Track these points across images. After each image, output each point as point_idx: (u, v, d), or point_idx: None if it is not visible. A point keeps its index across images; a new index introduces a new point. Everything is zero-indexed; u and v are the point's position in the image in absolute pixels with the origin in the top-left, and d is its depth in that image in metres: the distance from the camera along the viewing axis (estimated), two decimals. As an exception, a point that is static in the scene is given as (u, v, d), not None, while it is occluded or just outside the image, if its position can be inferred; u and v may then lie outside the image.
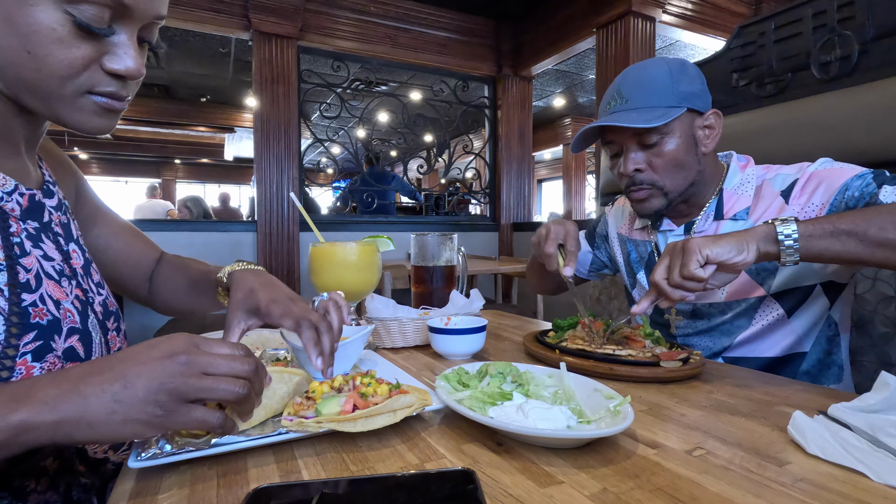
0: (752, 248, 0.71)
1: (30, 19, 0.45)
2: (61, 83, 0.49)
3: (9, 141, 0.56)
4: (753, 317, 0.93)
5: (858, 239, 0.69)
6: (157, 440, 0.48)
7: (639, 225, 1.10)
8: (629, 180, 0.95)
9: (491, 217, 4.42)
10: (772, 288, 0.90)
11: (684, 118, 0.90)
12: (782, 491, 0.41)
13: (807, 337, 0.92)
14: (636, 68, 0.94)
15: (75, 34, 0.47)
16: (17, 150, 0.57)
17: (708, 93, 0.93)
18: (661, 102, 0.89)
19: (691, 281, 0.72)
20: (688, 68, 0.92)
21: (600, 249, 1.25)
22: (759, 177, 0.94)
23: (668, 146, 0.90)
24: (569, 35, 3.71)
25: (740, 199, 0.94)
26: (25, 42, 0.46)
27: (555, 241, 0.97)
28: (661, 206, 0.95)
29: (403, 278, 2.63)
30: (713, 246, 0.71)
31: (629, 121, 0.87)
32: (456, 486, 0.39)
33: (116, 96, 0.53)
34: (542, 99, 6.73)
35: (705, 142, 0.93)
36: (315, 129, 3.88)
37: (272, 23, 3.33)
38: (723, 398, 0.65)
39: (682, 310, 1.00)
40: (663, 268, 0.75)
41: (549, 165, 11.31)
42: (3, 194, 0.54)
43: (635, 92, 0.90)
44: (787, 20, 1.31)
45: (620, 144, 0.94)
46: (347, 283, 0.85)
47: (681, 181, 0.93)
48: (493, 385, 0.62)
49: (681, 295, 0.74)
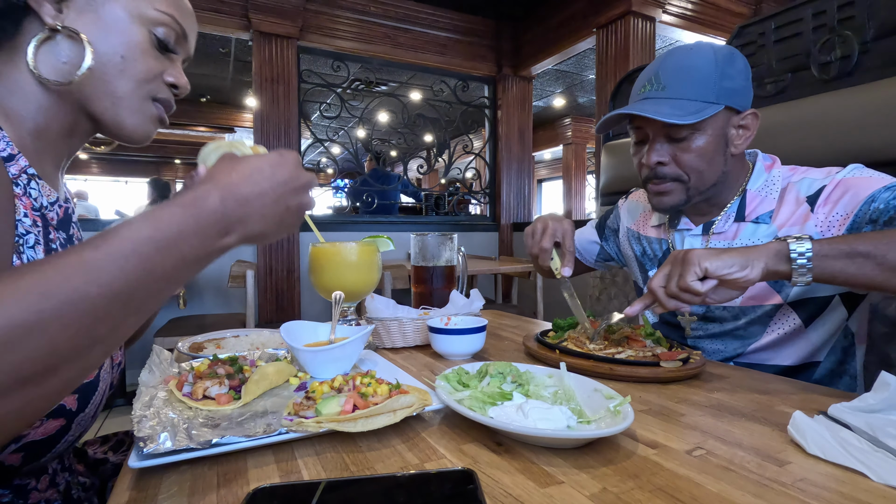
0: (757, 266, 0.68)
1: (128, 33, 0.57)
2: (137, 86, 0.59)
3: (55, 158, 0.61)
4: (768, 324, 0.90)
5: (876, 263, 0.65)
6: (159, 435, 0.48)
7: (655, 222, 1.06)
8: (650, 172, 0.90)
9: (491, 217, 4.42)
10: (789, 297, 0.87)
11: (720, 116, 0.84)
12: (782, 491, 0.41)
13: (822, 347, 0.89)
14: (680, 52, 0.87)
15: (154, 49, 0.60)
16: (57, 167, 0.63)
17: (750, 89, 0.87)
18: (699, 96, 0.83)
19: (687, 293, 0.70)
20: (736, 61, 0.85)
21: (609, 242, 1.21)
22: (784, 178, 0.90)
23: (697, 142, 0.85)
24: (569, 35, 3.71)
25: (764, 202, 0.90)
26: (121, 49, 0.57)
27: (552, 236, 0.93)
28: (679, 202, 0.91)
29: (403, 278, 2.63)
30: (714, 259, 0.68)
31: (661, 113, 0.82)
32: (456, 486, 0.40)
33: (168, 105, 0.65)
34: (542, 99, 6.73)
35: (736, 142, 0.88)
36: (315, 129, 3.88)
37: (272, 23, 3.33)
38: (723, 398, 0.65)
39: (695, 311, 0.97)
40: (662, 276, 0.73)
41: (549, 165, 11.31)
42: (48, 203, 0.58)
43: (674, 79, 0.85)
44: (787, 20, 1.32)
45: (647, 133, 0.89)
46: (347, 283, 0.85)
47: (704, 179, 0.88)
48: (493, 385, 0.62)
49: (675, 305, 0.72)
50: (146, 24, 0.58)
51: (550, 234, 0.94)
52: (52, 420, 0.54)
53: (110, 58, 0.56)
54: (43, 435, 0.54)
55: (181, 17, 0.62)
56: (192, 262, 0.45)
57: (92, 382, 0.58)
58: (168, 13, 0.60)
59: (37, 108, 0.56)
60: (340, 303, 0.80)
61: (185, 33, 0.64)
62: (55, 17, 0.54)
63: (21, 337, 0.34)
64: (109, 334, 0.40)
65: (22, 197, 0.53)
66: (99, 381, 0.59)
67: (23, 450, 0.53)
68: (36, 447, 0.54)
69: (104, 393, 0.61)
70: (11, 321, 0.33)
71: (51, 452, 0.56)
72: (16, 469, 0.54)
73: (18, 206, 0.52)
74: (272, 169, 0.51)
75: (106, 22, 0.56)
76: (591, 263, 1.27)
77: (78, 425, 0.58)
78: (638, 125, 0.91)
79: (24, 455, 0.53)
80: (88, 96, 0.57)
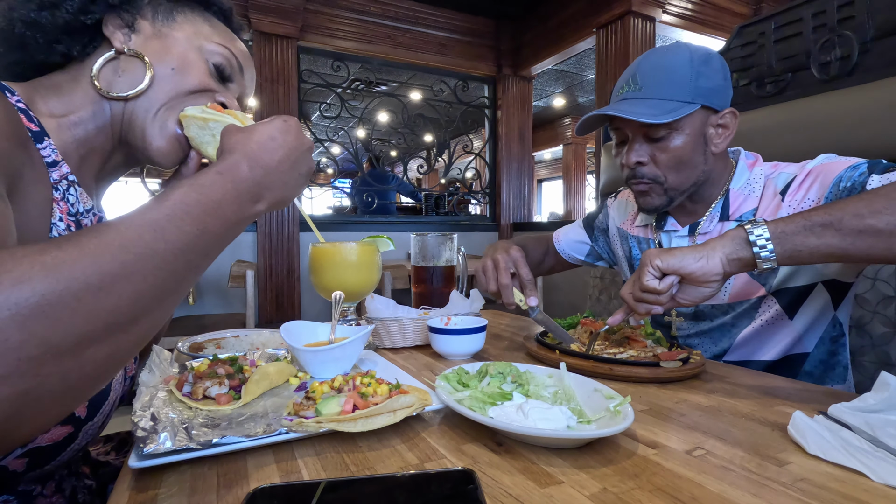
0: (713, 256, 0.67)
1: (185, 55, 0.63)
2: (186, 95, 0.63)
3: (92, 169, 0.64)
4: (754, 316, 0.92)
5: (835, 229, 0.63)
6: (159, 435, 0.48)
7: (641, 222, 1.07)
8: (630, 172, 0.92)
9: (491, 217, 4.42)
10: (772, 287, 0.89)
11: (697, 115, 0.85)
12: (782, 491, 0.41)
13: (807, 336, 0.90)
14: (657, 53, 0.88)
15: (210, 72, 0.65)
16: (96, 179, 0.66)
17: (729, 89, 0.88)
18: (675, 95, 0.84)
19: (650, 294, 0.70)
20: (712, 61, 0.86)
21: (599, 242, 1.22)
22: (766, 176, 0.91)
23: (675, 142, 0.86)
24: (569, 35, 3.71)
25: (747, 200, 0.91)
26: (174, 63, 0.62)
27: (506, 270, 0.93)
28: (661, 204, 0.92)
29: (403, 278, 2.63)
30: (666, 256, 0.69)
31: (636, 113, 0.83)
32: (456, 486, 0.40)
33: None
34: (542, 99, 6.73)
35: (716, 141, 0.88)
36: (315, 129, 3.89)
37: (272, 23, 3.34)
38: (723, 398, 0.65)
39: (684, 312, 0.98)
40: (630, 281, 0.74)
41: (549, 165, 11.31)
42: (84, 210, 0.61)
43: (650, 80, 0.86)
44: (787, 20, 1.32)
45: (626, 133, 0.91)
46: (347, 283, 0.85)
47: (683, 179, 0.89)
48: (493, 385, 0.62)
49: (646, 309, 0.72)
50: (204, 53, 0.65)
51: (504, 269, 0.93)
52: (60, 426, 0.54)
53: (165, 70, 0.62)
54: (50, 441, 0.53)
55: (238, 54, 0.69)
56: (233, 225, 0.49)
57: (103, 392, 0.58)
58: (225, 46, 0.67)
59: (88, 118, 0.61)
60: (340, 303, 0.80)
61: (242, 69, 0.70)
62: (123, 42, 0.61)
63: (111, 285, 0.37)
64: (176, 289, 0.44)
65: (59, 202, 0.56)
66: (110, 392, 0.59)
67: (28, 455, 0.52)
68: (42, 454, 0.53)
69: (113, 403, 0.61)
70: (102, 270, 0.37)
71: (56, 460, 0.56)
72: (19, 475, 0.54)
73: (55, 210, 0.55)
74: (283, 136, 0.54)
75: (167, 46, 0.62)
76: (582, 261, 1.26)
77: (85, 434, 0.58)
78: (617, 126, 0.92)
79: (28, 461, 0.53)
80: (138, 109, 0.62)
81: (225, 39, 0.67)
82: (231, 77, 0.68)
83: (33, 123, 0.55)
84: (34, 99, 0.58)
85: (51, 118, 0.58)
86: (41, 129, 0.55)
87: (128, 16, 0.62)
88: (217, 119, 0.61)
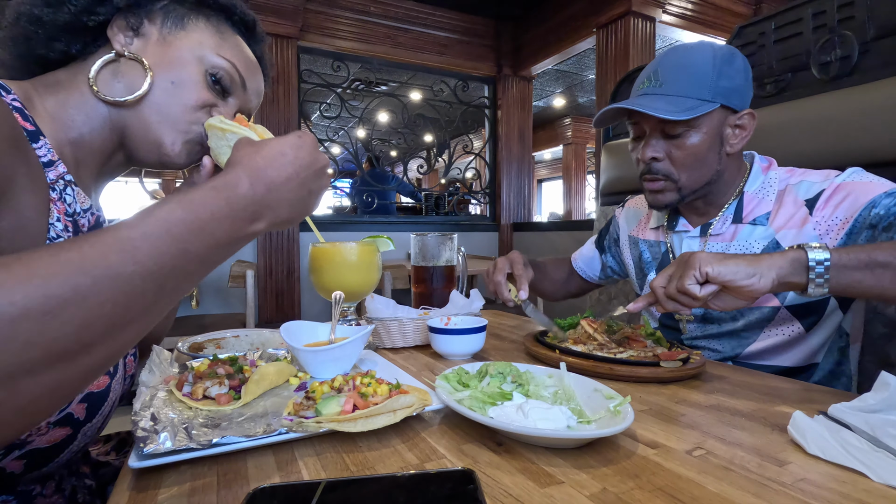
0: (767, 276, 0.65)
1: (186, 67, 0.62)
2: (184, 110, 0.62)
3: (90, 169, 0.64)
4: (765, 327, 0.90)
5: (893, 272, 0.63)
6: (159, 435, 0.48)
7: (653, 224, 1.07)
8: (645, 167, 0.92)
9: (491, 217, 4.42)
10: (786, 300, 0.87)
11: (715, 114, 0.85)
12: (782, 491, 0.41)
13: (820, 350, 0.89)
14: (680, 50, 0.88)
15: (207, 85, 0.64)
16: (93, 179, 0.65)
17: (750, 90, 0.88)
18: (695, 93, 0.84)
19: (685, 296, 0.69)
20: (735, 60, 0.86)
21: (608, 255, 1.23)
22: (782, 180, 0.90)
23: (691, 139, 0.86)
24: (569, 35, 3.71)
25: (761, 204, 0.90)
26: (173, 76, 0.61)
27: (501, 270, 1.00)
28: (673, 201, 0.92)
29: (403, 278, 2.63)
30: (717, 265, 0.66)
31: (654, 108, 0.83)
32: (456, 486, 0.39)
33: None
34: (542, 99, 6.73)
35: (732, 141, 0.88)
36: (315, 129, 3.89)
37: (272, 23, 3.33)
38: (723, 398, 0.65)
39: (694, 312, 0.97)
40: (665, 276, 0.72)
41: (549, 165, 11.31)
42: (81, 210, 0.60)
43: (672, 76, 0.86)
44: (787, 20, 1.31)
45: (644, 128, 0.91)
46: (347, 283, 0.85)
47: (697, 178, 0.89)
48: (493, 385, 0.62)
49: (674, 307, 0.71)
50: (206, 65, 0.63)
51: (501, 269, 1.01)
52: (58, 428, 0.53)
53: (164, 82, 0.61)
54: (48, 443, 0.53)
55: (244, 69, 0.67)
56: (223, 246, 0.46)
57: (102, 392, 0.57)
58: (231, 61, 0.65)
59: (83, 120, 0.60)
60: (340, 303, 0.80)
61: (245, 84, 0.68)
62: (124, 45, 0.60)
63: (57, 310, 0.33)
64: (143, 314, 0.40)
65: (57, 202, 0.55)
66: (109, 392, 0.59)
67: (26, 457, 0.52)
68: (40, 455, 0.53)
69: (113, 404, 0.61)
70: (48, 294, 0.33)
71: (54, 461, 0.56)
72: (17, 476, 0.53)
73: (52, 210, 0.54)
74: (294, 152, 0.52)
75: (168, 55, 0.62)
76: (597, 280, 1.27)
77: (84, 436, 0.57)
78: (635, 120, 0.92)
79: (26, 462, 0.53)
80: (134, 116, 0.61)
81: (232, 52, 0.66)
82: (230, 90, 0.66)
83: (28, 122, 0.54)
84: (32, 97, 0.57)
85: (47, 117, 0.57)
86: (36, 129, 0.54)
87: (134, 19, 0.61)
88: (234, 131, 0.60)
